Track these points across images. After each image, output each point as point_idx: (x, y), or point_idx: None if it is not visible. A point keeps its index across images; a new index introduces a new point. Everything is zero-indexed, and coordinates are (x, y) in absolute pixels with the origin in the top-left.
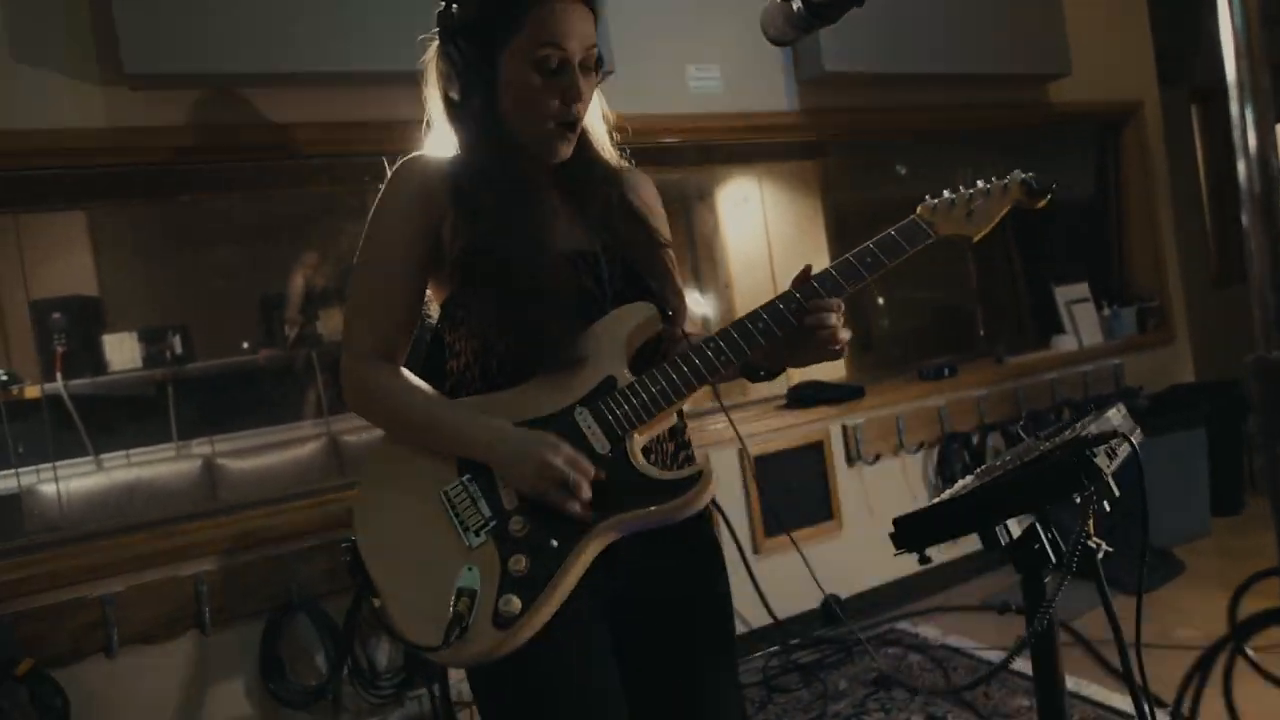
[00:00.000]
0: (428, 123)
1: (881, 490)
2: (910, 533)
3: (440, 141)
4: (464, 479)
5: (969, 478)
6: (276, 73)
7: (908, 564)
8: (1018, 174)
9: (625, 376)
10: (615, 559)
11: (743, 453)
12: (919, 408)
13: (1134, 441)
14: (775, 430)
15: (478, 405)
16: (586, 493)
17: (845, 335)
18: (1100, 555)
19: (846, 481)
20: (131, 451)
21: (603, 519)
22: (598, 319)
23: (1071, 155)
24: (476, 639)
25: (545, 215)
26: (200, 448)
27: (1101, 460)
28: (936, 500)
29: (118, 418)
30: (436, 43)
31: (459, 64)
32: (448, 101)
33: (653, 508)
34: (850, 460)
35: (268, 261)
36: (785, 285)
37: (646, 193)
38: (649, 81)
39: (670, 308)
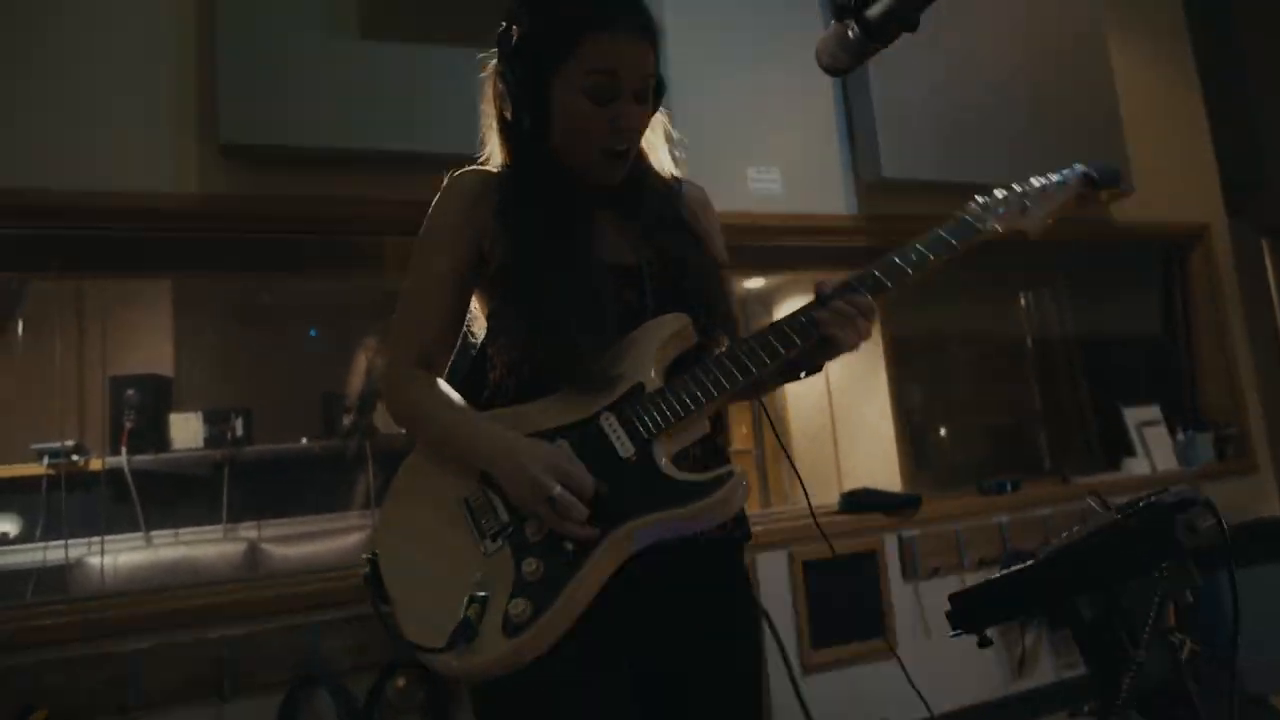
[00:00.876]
0: (482, 140)
1: (939, 609)
2: (969, 610)
3: (493, 159)
4: (485, 487)
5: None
6: (361, 149)
7: (967, 691)
8: (1078, 166)
9: (654, 383)
10: (645, 602)
11: (792, 555)
12: (980, 524)
13: (1222, 520)
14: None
15: (505, 417)
16: (578, 512)
17: (865, 331)
18: (1185, 654)
19: (901, 597)
20: (181, 530)
21: (622, 522)
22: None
23: (1137, 279)
24: (485, 648)
25: (586, 229)
26: (247, 531)
27: (1183, 534)
28: (1000, 574)
29: (173, 495)
30: (495, 61)
31: (513, 84)
32: (500, 119)
33: (674, 510)
34: (906, 574)
35: (336, 348)
36: (841, 411)
37: (706, 212)
38: (710, 180)
39: (710, 322)
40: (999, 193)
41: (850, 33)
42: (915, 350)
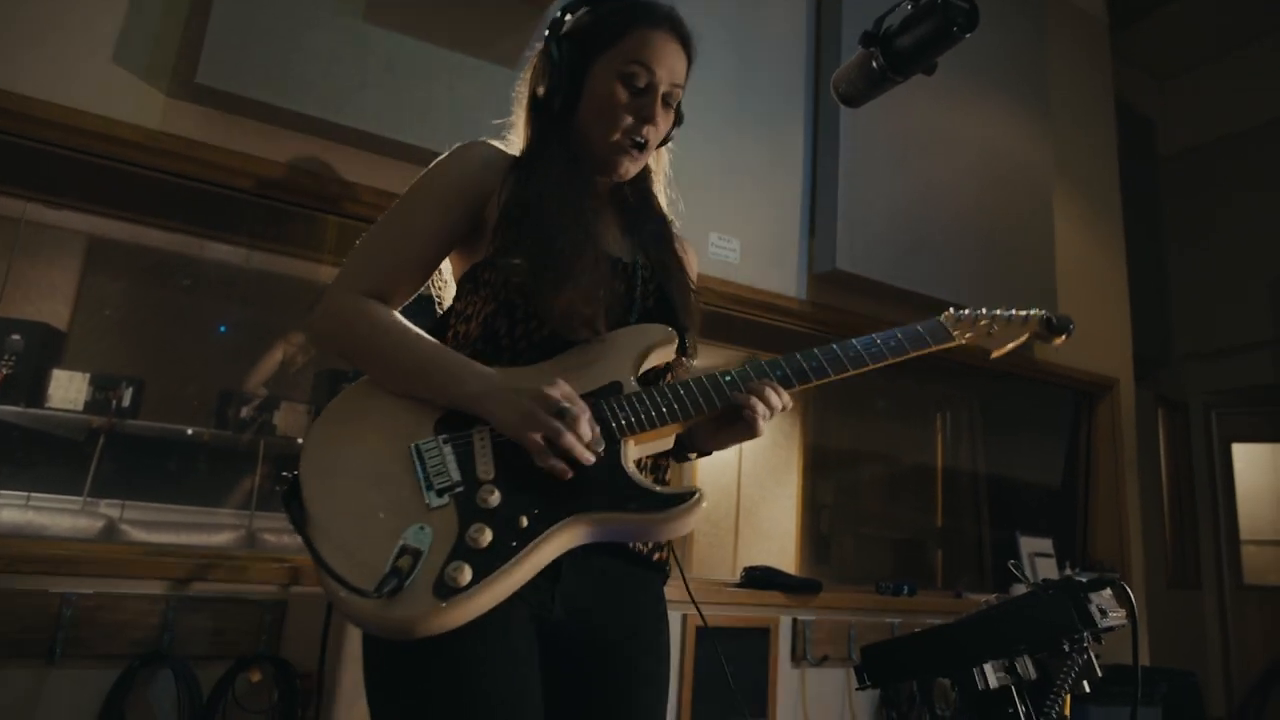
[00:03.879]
0: (510, 122)
1: (822, 698)
2: (879, 662)
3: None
4: (440, 438)
5: None
6: (338, 125)
7: None
8: (1038, 310)
9: (631, 385)
10: (565, 592)
11: (687, 619)
12: (873, 621)
13: (1133, 601)
14: (722, 604)
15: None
16: (585, 431)
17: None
18: None
19: (787, 679)
20: (35, 495)
21: (582, 511)
22: (617, 325)
23: (1047, 419)
24: (410, 602)
25: (595, 213)
26: (109, 509)
27: (1094, 612)
28: (914, 631)
29: (35, 456)
30: (540, 45)
31: (555, 63)
32: (531, 97)
33: (637, 514)
34: (795, 657)
35: (243, 344)
36: (748, 499)
37: (688, 250)
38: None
39: (690, 345)
40: (969, 310)
41: (875, 62)
42: (830, 458)
